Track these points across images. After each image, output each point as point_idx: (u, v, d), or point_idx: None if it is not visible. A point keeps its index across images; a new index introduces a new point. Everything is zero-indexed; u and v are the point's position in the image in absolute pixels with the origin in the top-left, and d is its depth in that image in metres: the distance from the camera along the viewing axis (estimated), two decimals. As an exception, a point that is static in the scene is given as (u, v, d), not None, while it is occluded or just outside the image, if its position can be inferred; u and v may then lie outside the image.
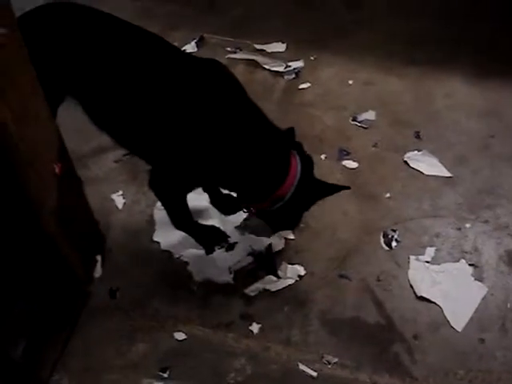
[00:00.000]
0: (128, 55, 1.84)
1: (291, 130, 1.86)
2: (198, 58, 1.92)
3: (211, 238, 2.15)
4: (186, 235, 2.14)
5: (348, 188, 1.89)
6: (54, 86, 1.83)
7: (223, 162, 1.79)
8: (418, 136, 2.52)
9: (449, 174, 2.37)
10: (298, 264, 2.10)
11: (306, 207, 1.90)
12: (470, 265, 2.08)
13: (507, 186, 2.32)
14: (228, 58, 2.93)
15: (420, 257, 2.11)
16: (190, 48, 2.99)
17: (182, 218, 2.07)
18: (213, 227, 2.18)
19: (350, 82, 2.79)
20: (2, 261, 1.82)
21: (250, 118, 1.82)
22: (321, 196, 1.86)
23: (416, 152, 2.44)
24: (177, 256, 2.14)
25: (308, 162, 1.84)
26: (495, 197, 2.28)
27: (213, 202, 2.24)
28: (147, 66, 1.83)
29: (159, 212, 2.25)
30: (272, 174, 1.79)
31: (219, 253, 2.14)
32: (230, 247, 2.16)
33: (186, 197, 1.99)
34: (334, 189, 1.86)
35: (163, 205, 2.02)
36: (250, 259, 2.12)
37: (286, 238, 2.17)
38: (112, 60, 1.84)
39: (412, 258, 2.10)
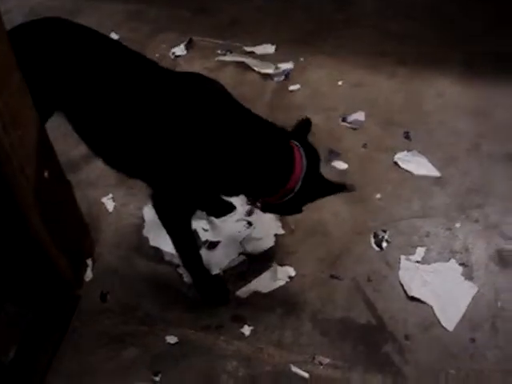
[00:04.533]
0: (113, 76, 1.82)
1: (307, 122, 1.86)
2: (181, 73, 1.91)
3: (214, 292, 2.05)
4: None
5: (353, 190, 1.87)
6: (42, 100, 1.81)
7: (228, 168, 1.76)
8: (407, 136, 2.52)
9: (438, 174, 2.37)
10: (289, 265, 2.10)
11: (312, 198, 1.86)
12: (460, 264, 2.09)
13: (496, 186, 2.33)
14: (217, 60, 2.94)
15: (410, 257, 2.11)
16: (179, 50, 3.00)
17: (190, 249, 1.98)
18: (219, 280, 2.08)
19: (340, 82, 2.80)
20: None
21: (245, 121, 1.80)
22: (325, 194, 1.84)
23: (406, 152, 2.45)
24: (167, 258, 2.13)
25: (313, 154, 1.82)
26: (484, 196, 2.29)
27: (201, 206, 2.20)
28: (132, 85, 1.80)
29: (149, 210, 2.25)
30: (275, 171, 1.77)
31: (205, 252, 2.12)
32: (213, 245, 2.16)
33: (190, 223, 1.92)
34: (338, 188, 1.84)
35: (168, 232, 1.91)
36: (241, 258, 2.13)
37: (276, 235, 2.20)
38: (101, 81, 1.81)
39: (402, 258, 2.11)
